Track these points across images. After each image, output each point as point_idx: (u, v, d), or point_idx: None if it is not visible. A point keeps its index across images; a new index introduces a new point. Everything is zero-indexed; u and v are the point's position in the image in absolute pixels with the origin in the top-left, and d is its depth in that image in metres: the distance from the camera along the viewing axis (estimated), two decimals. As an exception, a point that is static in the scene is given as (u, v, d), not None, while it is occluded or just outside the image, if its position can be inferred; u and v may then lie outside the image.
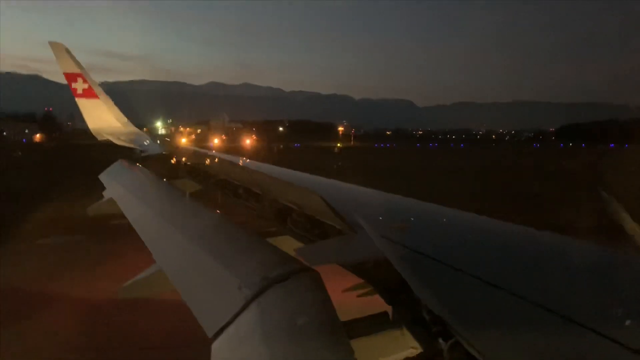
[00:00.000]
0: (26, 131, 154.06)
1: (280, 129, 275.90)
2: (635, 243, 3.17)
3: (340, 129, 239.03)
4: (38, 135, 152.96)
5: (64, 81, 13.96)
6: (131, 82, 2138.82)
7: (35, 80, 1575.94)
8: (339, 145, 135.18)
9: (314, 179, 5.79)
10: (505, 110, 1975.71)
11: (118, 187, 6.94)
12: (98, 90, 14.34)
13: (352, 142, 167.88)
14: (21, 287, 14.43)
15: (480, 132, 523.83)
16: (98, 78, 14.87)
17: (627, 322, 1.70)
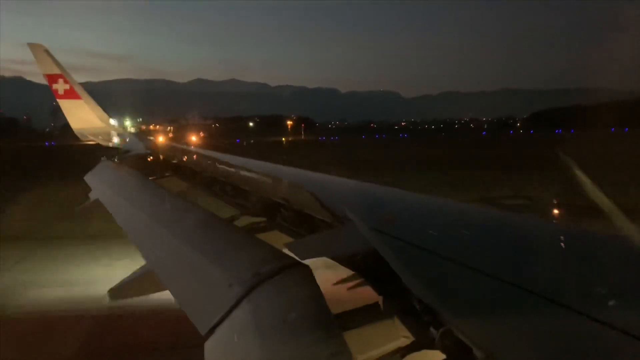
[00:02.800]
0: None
1: (251, 124, 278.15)
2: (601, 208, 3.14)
3: (289, 122, 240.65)
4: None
5: (46, 82, 13.90)
6: (115, 81, 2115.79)
7: (18, 83, 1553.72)
8: (283, 139, 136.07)
9: (302, 173, 5.80)
10: (491, 98, 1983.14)
11: (104, 188, 6.83)
12: (80, 90, 14.20)
13: (302, 137, 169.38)
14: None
15: (462, 122, 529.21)
16: (82, 78, 14.43)
17: (611, 303, 1.74)
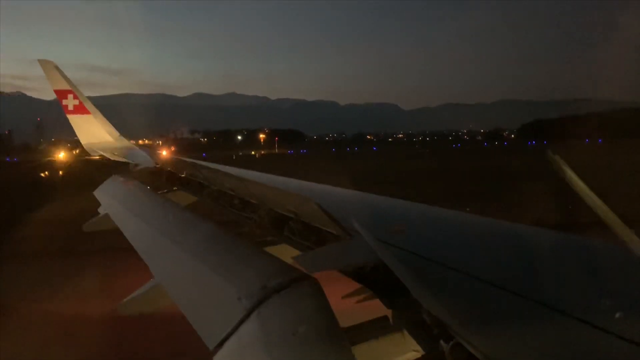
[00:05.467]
0: None
1: (239, 137, 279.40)
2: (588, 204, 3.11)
3: (262, 136, 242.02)
4: None
5: (47, 98, 14.05)
6: (115, 96, 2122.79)
7: (18, 99, 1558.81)
8: (253, 152, 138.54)
9: (309, 185, 5.84)
10: (490, 110, 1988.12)
11: (113, 203, 6.91)
12: (89, 105, 14.52)
13: (276, 150, 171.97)
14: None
15: (456, 133, 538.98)
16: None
17: (619, 315, 1.72)
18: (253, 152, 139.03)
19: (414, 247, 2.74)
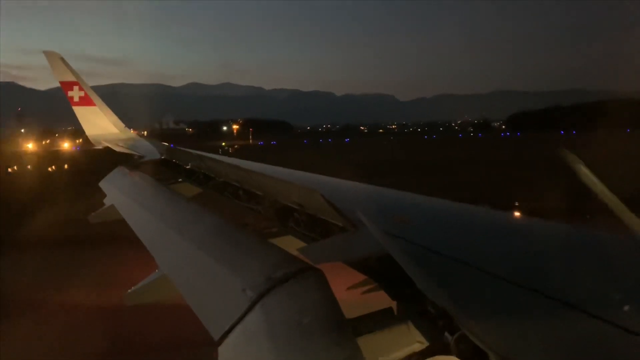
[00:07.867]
0: None
1: (224, 128, 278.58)
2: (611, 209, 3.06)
3: (235, 127, 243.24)
4: None
5: (39, 87, 14.35)
6: (110, 85, 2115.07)
7: (10, 88, 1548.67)
8: (223, 144, 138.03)
9: (314, 177, 5.82)
10: (485, 100, 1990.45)
11: (118, 194, 6.91)
12: (94, 97, 14.35)
13: (250, 141, 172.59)
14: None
15: (448, 124, 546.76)
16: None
17: (627, 308, 1.73)
18: (223, 144, 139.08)
19: (419, 239, 2.74)
